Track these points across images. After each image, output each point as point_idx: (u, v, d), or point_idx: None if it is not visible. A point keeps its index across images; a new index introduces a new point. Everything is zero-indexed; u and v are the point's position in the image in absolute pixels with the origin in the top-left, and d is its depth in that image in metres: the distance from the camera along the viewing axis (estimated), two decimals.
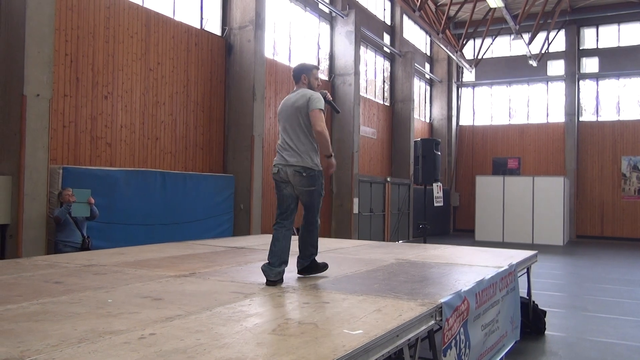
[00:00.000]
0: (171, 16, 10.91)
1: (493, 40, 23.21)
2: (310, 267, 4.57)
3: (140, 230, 9.28)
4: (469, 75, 25.14)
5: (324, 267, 4.64)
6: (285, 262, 4.28)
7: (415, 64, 21.66)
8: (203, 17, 11.83)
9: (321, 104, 4.35)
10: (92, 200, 7.68)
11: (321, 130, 4.26)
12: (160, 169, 10.29)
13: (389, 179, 18.94)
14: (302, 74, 4.52)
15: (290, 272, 4.80)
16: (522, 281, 6.31)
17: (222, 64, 12.11)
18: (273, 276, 4.13)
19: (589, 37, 23.77)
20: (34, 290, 3.75)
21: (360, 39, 17.05)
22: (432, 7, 19.89)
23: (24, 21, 7.33)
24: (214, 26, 12.14)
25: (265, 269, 4.18)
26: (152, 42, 10.35)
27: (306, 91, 4.42)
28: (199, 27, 11.64)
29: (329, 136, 4.47)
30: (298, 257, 4.57)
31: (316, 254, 4.59)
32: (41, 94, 7.51)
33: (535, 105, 24.59)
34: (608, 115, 23.31)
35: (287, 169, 4.34)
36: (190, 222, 10.44)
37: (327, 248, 6.91)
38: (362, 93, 18.22)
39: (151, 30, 10.33)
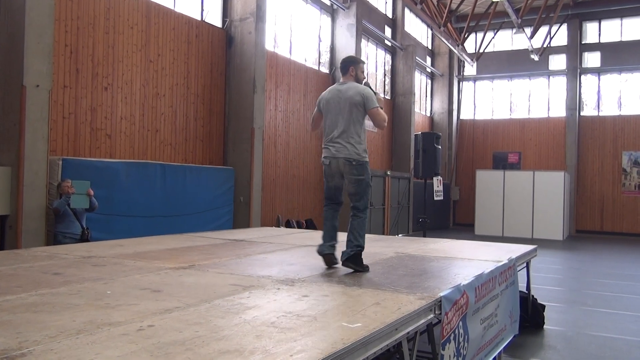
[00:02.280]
0: (172, 7, 10.86)
1: (495, 34, 23.12)
2: (354, 258, 4.42)
3: (140, 222, 9.28)
4: (470, 69, 25.07)
5: (366, 267, 4.48)
6: (335, 239, 4.58)
7: (417, 58, 21.59)
8: (204, 8, 11.78)
9: (376, 101, 4.52)
10: (92, 192, 7.67)
11: (385, 126, 4.63)
12: (160, 161, 10.28)
13: (389, 173, 18.91)
14: (351, 66, 4.66)
15: (290, 265, 4.79)
16: (522, 275, 6.31)
17: (222, 56, 12.07)
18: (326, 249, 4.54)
19: (591, 32, 23.67)
20: (32, 281, 3.74)
21: (361, 32, 16.98)
22: (434, 0, 19.79)
23: (23, 12, 7.30)
24: (214, 18, 12.09)
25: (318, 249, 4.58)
26: (153, 34, 10.31)
27: (358, 87, 4.54)
28: (199, 18, 11.59)
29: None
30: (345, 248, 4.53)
31: (363, 247, 4.48)
32: (41, 85, 7.49)
33: (536, 99, 24.53)
34: (609, 110, 23.25)
35: (338, 161, 4.48)
36: (190, 214, 10.44)
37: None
38: None
39: (151, 21, 10.28)
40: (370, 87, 4.68)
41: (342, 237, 4.63)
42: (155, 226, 9.36)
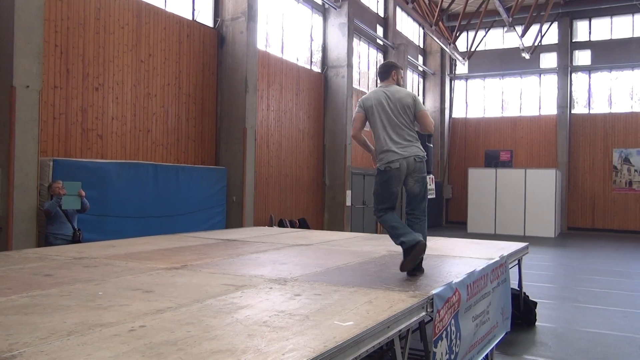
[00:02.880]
0: (162, 7, 10.82)
1: (486, 33, 23.19)
2: (417, 265, 4.30)
3: (132, 222, 9.24)
4: (462, 67, 25.14)
5: (422, 269, 4.37)
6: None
7: (409, 56, 21.64)
8: (195, 8, 11.75)
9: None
10: (83, 193, 7.63)
11: (432, 129, 4.71)
12: (152, 162, 10.24)
13: None
14: (393, 70, 4.73)
15: (282, 264, 4.80)
16: (514, 273, 6.35)
17: (214, 55, 12.04)
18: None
19: (582, 30, 23.82)
20: (23, 283, 3.73)
21: (353, 31, 16.99)
22: None
23: (12, 11, 7.24)
24: (206, 17, 12.05)
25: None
26: (144, 34, 10.27)
27: (406, 90, 4.68)
28: (190, 18, 11.55)
29: (323, 127, 4.61)
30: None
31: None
32: (31, 86, 7.44)
33: (527, 97, 24.65)
34: (600, 107, 23.41)
35: (408, 160, 4.42)
36: (182, 214, 10.41)
37: (320, 240, 6.92)
38: (355, 85, 18.18)
39: (142, 21, 10.24)
40: None
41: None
42: (148, 227, 9.32)
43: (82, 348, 2.28)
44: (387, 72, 4.71)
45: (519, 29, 21.18)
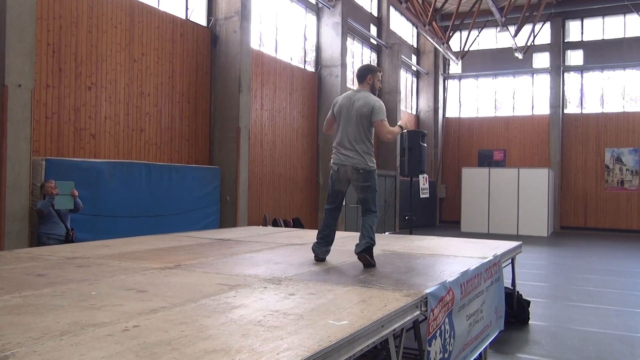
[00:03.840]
0: (156, 6, 10.78)
1: (479, 33, 23.28)
2: (368, 250, 4.58)
3: (125, 222, 9.21)
4: (455, 67, 25.20)
5: (373, 264, 4.61)
6: (330, 245, 4.87)
7: (402, 56, 21.67)
8: (188, 7, 11.71)
9: (384, 113, 4.65)
10: (76, 193, 7.59)
11: (390, 138, 4.81)
12: (145, 161, 10.20)
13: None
14: (368, 75, 4.75)
15: (276, 263, 4.79)
16: (507, 272, 6.37)
17: (207, 55, 12.01)
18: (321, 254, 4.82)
19: (574, 30, 23.94)
20: (15, 283, 3.70)
21: (347, 31, 17.00)
22: None
23: (4, 10, 7.20)
24: (199, 16, 12.02)
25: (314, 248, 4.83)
26: (137, 33, 10.23)
27: (369, 97, 4.67)
28: (184, 17, 11.52)
29: (316, 126, 4.73)
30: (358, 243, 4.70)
31: (374, 242, 4.65)
32: (23, 85, 7.40)
33: (520, 97, 24.76)
34: (592, 107, 23.54)
35: (346, 168, 4.65)
36: (175, 214, 10.38)
37: (314, 240, 6.90)
38: (349, 84, 18.18)
39: (135, 20, 10.20)
40: (401, 126, 4.99)
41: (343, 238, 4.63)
42: (141, 226, 9.29)
43: (75, 348, 2.27)
44: (363, 76, 4.75)
45: (512, 28, 21.25)
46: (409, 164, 11.36)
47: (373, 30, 20.35)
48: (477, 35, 23.35)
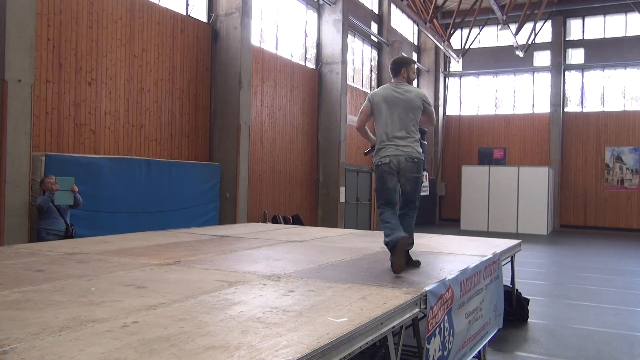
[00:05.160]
0: (156, 2, 10.75)
1: (480, 31, 23.24)
2: (408, 254, 4.49)
3: (125, 218, 9.21)
4: (456, 65, 25.17)
5: (416, 263, 4.57)
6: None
7: (403, 53, 21.61)
8: (189, 3, 11.69)
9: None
10: (76, 188, 7.58)
11: (434, 123, 4.87)
12: (145, 157, 10.19)
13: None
14: (403, 68, 4.71)
15: (276, 260, 4.79)
16: (506, 270, 6.37)
17: (208, 51, 11.99)
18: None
19: (575, 28, 23.90)
20: (15, 278, 3.70)
21: (347, 28, 16.97)
22: None
23: (4, 5, 7.18)
24: (200, 12, 12.00)
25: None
26: (137, 28, 10.21)
27: (416, 89, 4.74)
28: (184, 13, 11.50)
29: (317, 123, 4.64)
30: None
31: (413, 244, 4.59)
32: (23, 80, 7.38)
33: (521, 95, 24.73)
34: (593, 106, 23.52)
35: (399, 158, 4.51)
36: (175, 210, 10.38)
37: (314, 237, 6.92)
38: (350, 82, 18.18)
39: (136, 15, 10.18)
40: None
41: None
42: (140, 222, 9.29)
43: (74, 344, 2.27)
44: (397, 69, 4.72)
45: (513, 27, 21.20)
46: None
47: (374, 27, 20.31)
48: (478, 33, 23.30)
